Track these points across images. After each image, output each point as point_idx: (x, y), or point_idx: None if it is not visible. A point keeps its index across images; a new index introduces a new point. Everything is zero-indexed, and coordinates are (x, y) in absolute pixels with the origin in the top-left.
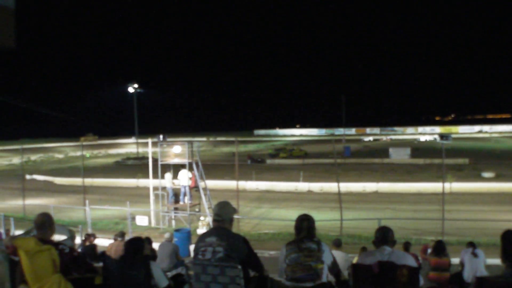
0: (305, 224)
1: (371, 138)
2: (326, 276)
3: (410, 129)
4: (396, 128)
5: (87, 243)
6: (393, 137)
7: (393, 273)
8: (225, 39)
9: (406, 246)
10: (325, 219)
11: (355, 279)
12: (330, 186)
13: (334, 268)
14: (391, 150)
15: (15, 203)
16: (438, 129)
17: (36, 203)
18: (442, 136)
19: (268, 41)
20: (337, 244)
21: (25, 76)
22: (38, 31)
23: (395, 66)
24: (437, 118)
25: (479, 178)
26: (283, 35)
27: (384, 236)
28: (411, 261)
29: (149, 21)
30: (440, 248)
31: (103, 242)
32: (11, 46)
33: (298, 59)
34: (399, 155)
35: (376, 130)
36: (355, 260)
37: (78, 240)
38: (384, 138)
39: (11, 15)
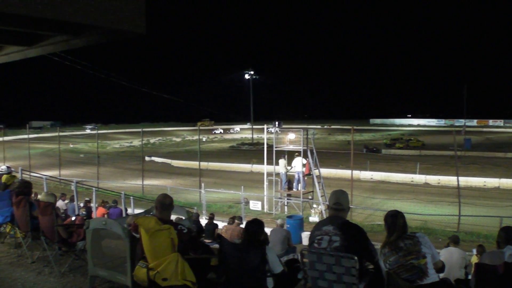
0: (400, 221)
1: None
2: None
3: None
4: None
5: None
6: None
7: None
8: (344, 25)
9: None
10: (442, 214)
11: (478, 279)
12: (449, 180)
13: (436, 259)
14: None
15: (134, 183)
16: None
17: (154, 183)
18: None
19: (386, 29)
20: (455, 240)
21: (147, 62)
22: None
23: None
24: None
25: None
26: (402, 22)
27: (508, 236)
28: None
29: (268, 8)
30: None
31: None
32: (142, 33)
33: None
34: None
35: (500, 122)
36: (473, 259)
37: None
38: None
39: (143, 3)
